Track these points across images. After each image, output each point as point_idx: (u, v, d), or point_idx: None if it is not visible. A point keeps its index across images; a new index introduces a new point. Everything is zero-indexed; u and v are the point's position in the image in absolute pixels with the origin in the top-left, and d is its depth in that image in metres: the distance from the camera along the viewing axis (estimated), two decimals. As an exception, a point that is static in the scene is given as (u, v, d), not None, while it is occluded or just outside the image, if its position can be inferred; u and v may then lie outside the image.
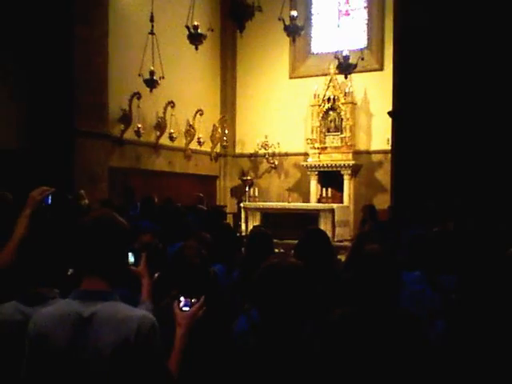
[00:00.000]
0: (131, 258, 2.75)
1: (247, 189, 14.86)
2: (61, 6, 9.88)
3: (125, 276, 2.60)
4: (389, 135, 9.84)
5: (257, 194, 14.62)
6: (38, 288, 2.25)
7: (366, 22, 14.53)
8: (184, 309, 2.33)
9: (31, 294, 2.24)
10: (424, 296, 3.32)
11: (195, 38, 9.11)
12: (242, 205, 13.89)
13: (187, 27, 9.13)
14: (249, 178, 15.32)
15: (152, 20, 10.61)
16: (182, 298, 2.35)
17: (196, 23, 9.19)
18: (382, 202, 12.10)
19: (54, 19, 9.91)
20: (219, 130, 15.28)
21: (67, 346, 1.88)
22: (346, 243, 10.84)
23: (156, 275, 3.12)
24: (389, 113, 9.27)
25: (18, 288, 2.27)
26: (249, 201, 14.26)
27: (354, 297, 2.59)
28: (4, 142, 10.28)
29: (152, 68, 11.35)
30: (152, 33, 10.88)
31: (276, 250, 4.71)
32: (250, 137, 15.53)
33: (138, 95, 12.07)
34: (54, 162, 9.78)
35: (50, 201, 2.60)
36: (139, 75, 11.33)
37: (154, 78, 11.37)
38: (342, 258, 6.58)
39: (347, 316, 2.51)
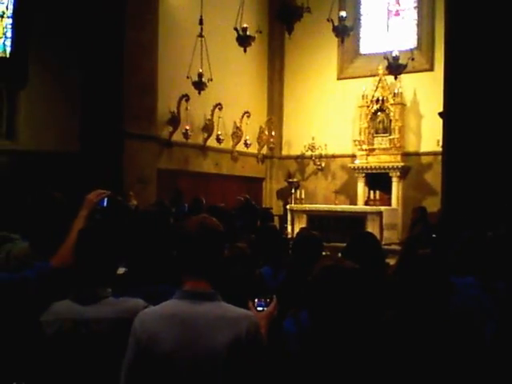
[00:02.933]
0: None
1: (293, 191, 14.82)
2: (112, 10, 10.12)
3: (166, 271, 2.64)
4: (439, 137, 9.61)
5: (303, 196, 14.56)
6: (92, 287, 2.29)
7: (416, 22, 14.29)
8: (259, 309, 2.35)
9: (85, 293, 2.28)
10: (479, 301, 3.23)
11: (244, 40, 9.16)
12: (288, 207, 13.86)
13: (236, 29, 9.18)
14: (295, 180, 15.28)
15: (201, 23, 10.73)
16: (256, 299, 2.37)
17: (245, 25, 9.23)
18: (431, 204, 11.80)
19: (106, 23, 10.15)
20: (266, 131, 15.30)
21: (178, 346, 1.93)
22: (394, 246, 10.64)
23: None
24: (439, 114, 9.05)
25: (73, 287, 2.31)
26: (295, 203, 14.22)
27: (405, 301, 2.55)
28: (58, 145, 10.62)
29: (200, 70, 11.46)
30: (201, 35, 10.99)
31: (323, 253, 4.66)
32: (297, 138, 15.49)
33: (186, 97, 12.22)
34: (104, 164, 10.00)
35: (105, 203, 2.66)
36: (188, 77, 11.47)
37: (203, 80, 11.48)
38: (390, 261, 6.46)
39: (400, 319, 2.46)
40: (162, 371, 1.95)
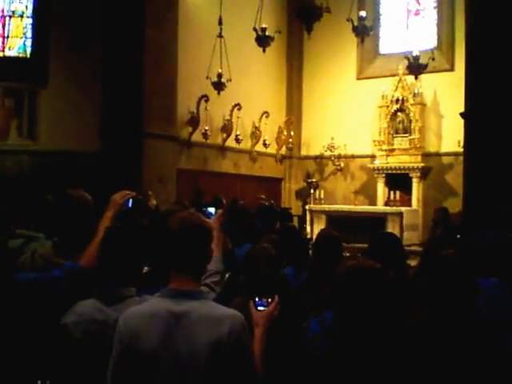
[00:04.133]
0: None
1: (312, 191, 14.77)
2: (132, 10, 10.18)
3: None
4: (460, 137, 9.52)
5: (322, 196, 14.50)
6: (116, 287, 2.29)
7: (436, 21, 14.16)
8: (259, 308, 2.33)
9: (110, 293, 2.28)
10: (503, 303, 3.19)
11: (263, 41, 9.16)
12: (307, 207, 13.82)
13: (255, 29, 9.18)
14: (314, 180, 15.22)
15: (220, 23, 10.74)
16: (256, 298, 2.35)
17: (264, 25, 9.23)
18: (452, 205, 11.68)
19: (125, 23, 10.21)
20: (285, 132, 15.27)
21: (160, 344, 1.91)
22: (415, 248, 10.55)
23: (227, 275, 3.14)
24: (461, 114, 8.95)
25: (97, 287, 2.32)
26: (314, 203, 14.17)
27: (429, 302, 2.53)
28: (78, 144, 10.72)
29: (220, 70, 11.48)
30: (220, 36, 11.01)
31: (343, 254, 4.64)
32: (316, 139, 15.43)
33: (205, 98, 12.24)
34: (124, 164, 10.07)
35: (130, 204, 2.66)
36: (207, 78, 11.50)
37: (222, 80, 11.50)
38: (411, 262, 6.40)
39: (424, 322, 2.44)
40: (143, 370, 1.92)
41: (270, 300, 2.35)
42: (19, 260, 2.67)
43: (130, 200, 2.67)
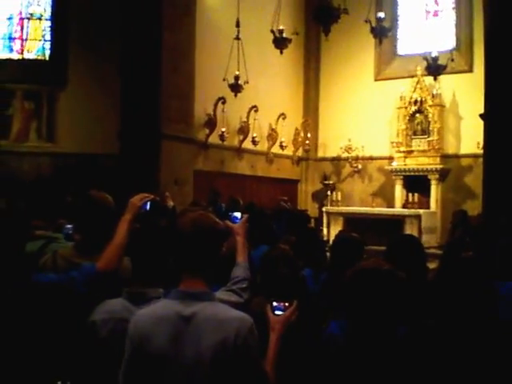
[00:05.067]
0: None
1: (329, 193, 14.70)
2: (150, 13, 10.24)
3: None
4: (479, 138, 9.44)
5: (339, 198, 14.44)
6: (144, 287, 2.30)
7: (455, 22, 14.06)
8: (276, 312, 2.30)
9: (137, 293, 2.29)
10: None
11: (280, 42, 9.16)
12: (323, 209, 13.76)
13: (272, 31, 9.17)
14: (331, 182, 15.15)
15: (238, 25, 10.74)
16: (274, 302, 2.33)
17: (281, 27, 9.22)
18: (471, 208, 11.58)
19: (143, 26, 10.27)
20: (301, 133, 15.24)
21: (168, 346, 1.90)
22: (433, 250, 10.44)
23: None
24: (481, 115, 8.86)
25: (124, 286, 2.34)
26: (331, 205, 14.10)
27: (448, 305, 2.50)
28: (97, 146, 10.81)
29: (237, 73, 11.49)
30: (237, 38, 11.02)
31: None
32: (333, 140, 15.36)
33: (222, 100, 12.26)
34: (142, 166, 10.13)
35: (148, 207, 2.67)
36: (224, 80, 11.52)
37: (239, 82, 11.50)
38: (430, 265, 6.34)
39: (443, 324, 2.41)
40: (152, 372, 1.92)
41: (287, 304, 2.32)
42: (40, 261, 2.70)
43: (148, 203, 2.67)
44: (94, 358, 2.25)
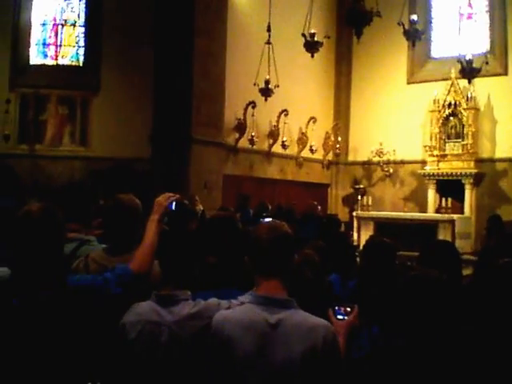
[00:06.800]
0: None
1: (360, 197, 14.55)
2: (182, 20, 10.32)
3: (233, 275, 2.63)
4: (516, 142, 9.20)
5: (370, 202, 14.27)
6: (172, 289, 2.31)
7: (489, 25, 13.85)
8: (339, 317, 2.34)
9: (166, 295, 2.30)
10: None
11: (312, 46, 9.09)
12: (354, 214, 13.62)
13: (303, 35, 9.12)
14: (361, 186, 15.01)
15: (269, 30, 10.72)
16: (336, 307, 2.36)
17: (313, 31, 9.16)
18: (507, 213, 11.34)
19: (175, 32, 10.36)
20: (332, 137, 15.15)
21: (254, 353, 1.96)
22: (467, 256, 10.20)
23: None
24: (516, 118, 8.66)
25: (153, 288, 2.35)
26: (361, 210, 13.95)
27: (485, 311, 2.44)
28: (129, 150, 10.94)
29: (267, 77, 11.47)
30: (268, 42, 11.00)
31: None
32: (364, 144, 15.22)
33: (252, 104, 12.27)
34: (172, 170, 10.20)
35: (173, 207, 2.68)
36: (255, 84, 11.51)
37: (269, 86, 11.48)
38: (464, 272, 6.19)
39: (479, 331, 2.34)
40: (236, 378, 1.97)
41: (348, 309, 2.37)
42: (73, 265, 2.74)
43: (174, 202, 2.69)
44: (123, 360, 2.27)
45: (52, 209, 2.20)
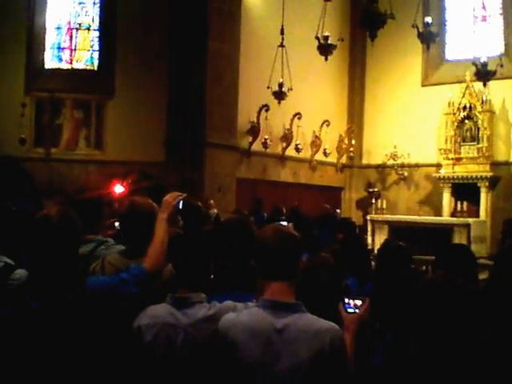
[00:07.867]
0: None
1: (374, 201, 14.48)
2: (196, 23, 10.36)
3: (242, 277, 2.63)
4: (532, 145, 9.10)
5: (384, 206, 14.19)
6: (187, 292, 2.32)
7: (503, 28, 13.75)
8: (349, 311, 2.31)
9: (181, 298, 2.31)
10: None
11: (325, 49, 9.07)
12: (368, 217, 13.55)
13: (317, 38, 9.11)
14: (376, 189, 14.93)
15: (282, 33, 10.72)
16: (346, 300, 2.33)
17: (326, 34, 9.14)
18: (523, 217, 11.19)
19: (189, 36, 10.41)
20: (346, 140, 15.09)
21: (260, 357, 1.96)
22: (483, 261, 10.11)
23: None
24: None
25: (168, 291, 2.36)
26: (375, 213, 13.87)
27: (501, 316, 2.40)
28: (143, 154, 10.99)
29: (281, 80, 11.46)
30: (282, 45, 11.00)
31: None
32: (378, 147, 15.13)
33: (266, 107, 12.26)
34: (186, 173, 10.23)
35: (180, 205, 2.72)
36: (268, 88, 11.51)
37: (283, 89, 11.47)
38: (480, 276, 6.12)
39: (497, 336, 2.31)
40: (243, 381, 1.96)
41: (358, 303, 2.32)
42: (90, 267, 2.77)
43: (181, 201, 2.71)
44: (140, 362, 2.27)
45: (70, 212, 2.22)
